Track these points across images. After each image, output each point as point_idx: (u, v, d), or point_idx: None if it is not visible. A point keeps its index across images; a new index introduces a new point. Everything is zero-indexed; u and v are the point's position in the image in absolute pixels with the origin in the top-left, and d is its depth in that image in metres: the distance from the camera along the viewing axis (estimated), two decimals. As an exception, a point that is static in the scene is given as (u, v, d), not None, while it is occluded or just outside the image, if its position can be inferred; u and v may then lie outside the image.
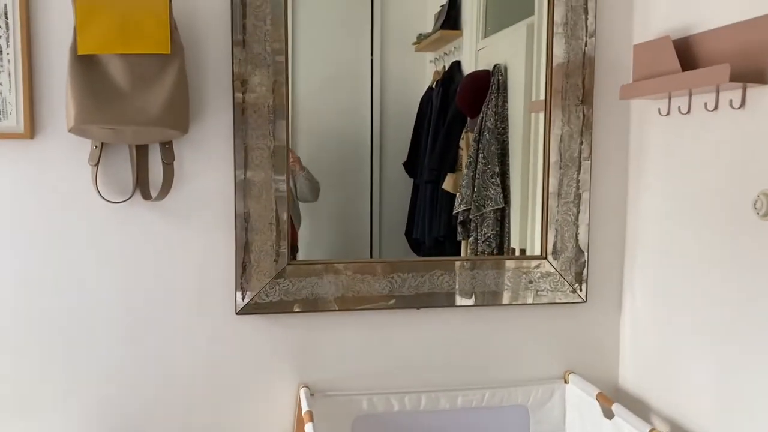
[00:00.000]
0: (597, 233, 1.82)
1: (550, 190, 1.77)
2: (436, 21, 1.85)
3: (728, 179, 1.43)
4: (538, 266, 1.78)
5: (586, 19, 1.74)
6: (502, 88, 1.89)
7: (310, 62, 1.73)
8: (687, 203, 1.57)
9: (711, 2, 1.48)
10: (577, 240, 1.79)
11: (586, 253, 1.79)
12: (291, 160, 1.69)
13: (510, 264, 1.77)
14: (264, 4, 1.57)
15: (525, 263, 1.78)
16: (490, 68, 1.88)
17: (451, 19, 1.87)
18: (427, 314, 1.75)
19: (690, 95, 1.54)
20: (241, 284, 1.63)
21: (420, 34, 1.82)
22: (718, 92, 1.43)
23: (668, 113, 1.63)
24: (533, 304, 1.80)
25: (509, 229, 1.90)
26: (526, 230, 1.88)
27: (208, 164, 1.62)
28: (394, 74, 1.79)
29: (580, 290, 1.80)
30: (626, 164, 1.83)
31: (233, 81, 1.59)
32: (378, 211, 1.85)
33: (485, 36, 1.88)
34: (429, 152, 1.88)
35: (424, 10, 1.87)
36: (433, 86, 1.86)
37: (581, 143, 1.77)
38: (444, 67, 1.86)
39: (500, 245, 1.90)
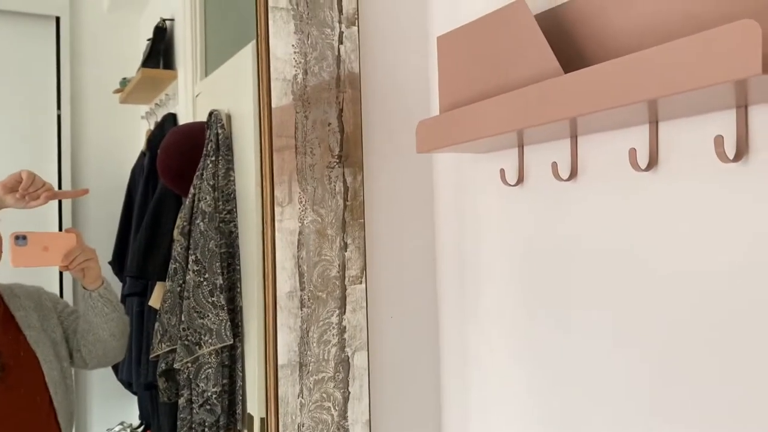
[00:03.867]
0: (389, 439, 0.85)
1: (281, 360, 0.77)
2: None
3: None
4: None
5: (339, -14, 0.82)
6: (224, 149, 1.30)
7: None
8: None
9: None
10: (347, 464, 0.79)
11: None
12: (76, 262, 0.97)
13: None
14: None
15: None
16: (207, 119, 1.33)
17: (158, 55, 1.46)
18: None
19: (574, 139, 0.67)
20: None
21: (124, 79, 1.42)
22: (656, 127, 0.57)
23: (520, 180, 0.74)
24: None
25: (244, 382, 1.19)
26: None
27: None
28: (95, 136, 1.37)
29: None
30: (435, 288, 0.90)
31: None
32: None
33: (206, 75, 1.42)
34: (132, 249, 1.38)
35: (136, 48, 1.43)
36: (145, 151, 1.43)
37: (343, 246, 0.81)
38: (157, 122, 1.44)
39: (230, 411, 1.19)
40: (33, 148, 1.35)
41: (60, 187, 1.35)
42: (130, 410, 1.47)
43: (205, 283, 1.25)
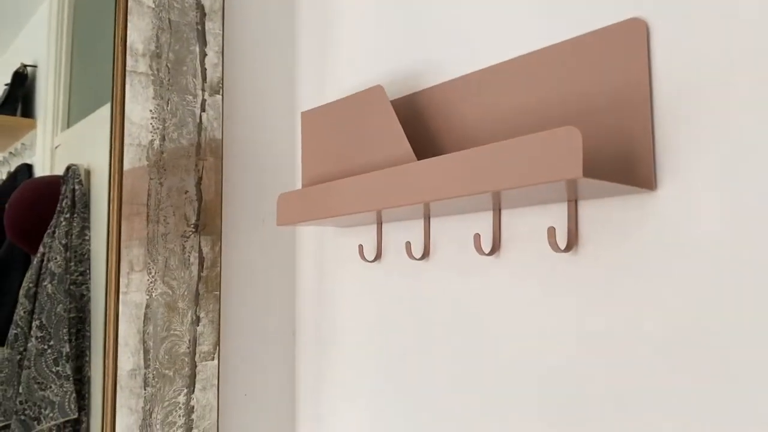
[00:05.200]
0: None
1: (118, 446, 0.71)
2: (0, 104, 1.35)
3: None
4: None
5: (203, 53, 0.81)
6: (81, 206, 1.19)
7: None
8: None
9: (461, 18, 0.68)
10: None
11: None
12: None
13: None
14: None
15: None
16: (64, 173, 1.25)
17: (15, 102, 1.37)
18: None
19: (428, 220, 0.69)
20: None
21: (-30, 124, 1.28)
22: (499, 215, 0.60)
23: (378, 257, 0.75)
24: None
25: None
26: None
27: None
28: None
29: None
30: (293, 363, 0.88)
31: None
32: None
33: (68, 126, 1.33)
34: (-28, 310, 1.18)
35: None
36: (-6, 203, 1.27)
37: (195, 320, 0.77)
38: (9, 172, 1.33)
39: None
40: None
41: None
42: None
43: (49, 351, 1.15)
